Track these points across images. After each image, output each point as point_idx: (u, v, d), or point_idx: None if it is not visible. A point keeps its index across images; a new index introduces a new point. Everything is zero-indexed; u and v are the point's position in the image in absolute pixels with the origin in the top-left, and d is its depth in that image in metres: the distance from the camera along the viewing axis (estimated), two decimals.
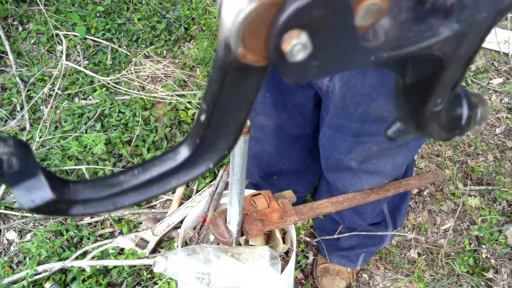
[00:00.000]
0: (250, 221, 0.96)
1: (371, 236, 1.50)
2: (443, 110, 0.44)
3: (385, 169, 1.09)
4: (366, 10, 0.30)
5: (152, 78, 2.21)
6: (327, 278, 1.54)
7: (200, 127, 0.39)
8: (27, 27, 2.35)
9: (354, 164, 1.08)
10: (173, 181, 0.42)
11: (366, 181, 1.14)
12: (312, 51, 0.30)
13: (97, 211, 0.41)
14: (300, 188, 1.57)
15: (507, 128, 1.99)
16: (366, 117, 0.95)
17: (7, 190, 1.76)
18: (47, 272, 1.49)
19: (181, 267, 0.89)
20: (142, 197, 0.42)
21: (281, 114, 1.17)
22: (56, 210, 0.39)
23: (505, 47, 2.28)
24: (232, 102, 0.37)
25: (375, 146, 1.01)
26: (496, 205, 1.75)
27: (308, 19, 0.29)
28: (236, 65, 0.32)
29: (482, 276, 1.56)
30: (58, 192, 0.38)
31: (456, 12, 0.33)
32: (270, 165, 1.41)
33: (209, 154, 0.41)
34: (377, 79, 0.86)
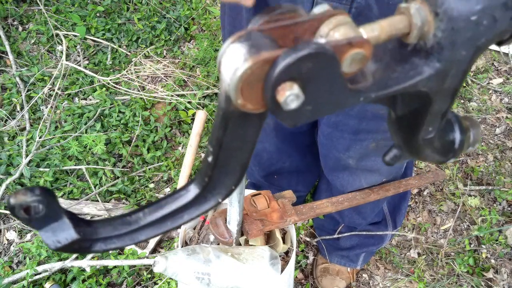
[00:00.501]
0: (250, 221, 0.96)
1: (371, 235, 1.50)
2: (435, 136, 0.46)
3: (383, 167, 1.09)
4: (351, 59, 0.33)
5: (152, 78, 2.21)
6: (327, 278, 1.54)
7: (208, 167, 0.43)
8: (27, 27, 2.35)
9: (352, 162, 1.08)
10: (185, 216, 0.46)
11: (365, 179, 1.14)
12: (304, 99, 0.33)
13: (117, 246, 0.45)
14: (300, 187, 1.57)
15: (507, 128, 1.99)
16: (364, 114, 0.95)
17: (7, 190, 1.76)
18: (47, 272, 1.49)
19: (181, 267, 0.89)
20: (157, 231, 0.46)
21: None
22: (80, 248, 0.43)
23: (505, 47, 2.28)
24: (235, 144, 0.40)
25: (373, 143, 1.01)
26: (496, 205, 1.75)
27: (298, 73, 0.32)
28: (237, 113, 0.36)
29: (482, 276, 1.56)
30: (81, 232, 0.42)
31: (436, 53, 0.36)
32: (270, 164, 1.41)
33: (217, 190, 0.45)
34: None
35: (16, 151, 1.87)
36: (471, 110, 2.06)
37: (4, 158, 1.84)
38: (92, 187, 1.76)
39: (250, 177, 1.58)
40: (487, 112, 2.05)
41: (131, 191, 1.79)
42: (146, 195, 1.78)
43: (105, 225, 0.44)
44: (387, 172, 1.12)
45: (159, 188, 1.83)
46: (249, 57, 0.32)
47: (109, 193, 1.80)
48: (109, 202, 1.76)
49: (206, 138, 1.94)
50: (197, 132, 1.79)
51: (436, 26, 0.35)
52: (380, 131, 0.98)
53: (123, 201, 1.78)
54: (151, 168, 1.85)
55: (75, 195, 1.77)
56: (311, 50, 0.31)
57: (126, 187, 1.77)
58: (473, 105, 2.08)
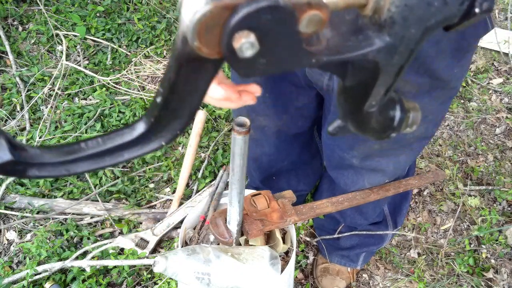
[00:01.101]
0: (250, 221, 0.96)
1: (371, 235, 1.50)
2: (378, 111, 0.49)
3: (387, 168, 1.09)
4: (309, 20, 0.35)
5: (152, 78, 2.21)
6: (327, 278, 1.54)
7: (156, 107, 0.43)
8: (27, 27, 2.35)
9: (355, 161, 1.08)
10: (126, 154, 0.46)
11: (368, 179, 1.14)
12: (259, 49, 0.34)
13: (51, 174, 0.44)
14: (301, 186, 1.57)
15: (507, 128, 1.99)
16: None
17: (7, 190, 1.76)
18: (47, 272, 1.49)
19: (181, 267, 0.89)
20: (95, 166, 0.45)
21: (282, 117, 1.16)
22: (13, 171, 0.42)
23: (505, 47, 2.28)
24: (186, 89, 0.41)
25: (376, 145, 1.01)
26: (496, 205, 1.75)
27: (256, 23, 0.33)
28: (192, 56, 0.36)
29: (482, 276, 1.56)
30: (16, 154, 0.41)
31: (388, 27, 0.38)
32: (270, 166, 1.41)
33: (162, 132, 0.45)
34: None
35: None
36: (471, 110, 2.06)
37: None
38: (92, 187, 1.76)
39: (251, 182, 1.58)
40: (487, 112, 2.05)
41: (131, 191, 1.79)
42: (146, 195, 1.78)
43: (42, 152, 0.43)
44: (392, 173, 1.12)
45: (159, 188, 1.83)
46: (211, 1, 0.32)
47: (109, 193, 1.80)
48: (109, 202, 1.76)
49: (206, 138, 1.94)
50: (197, 132, 1.79)
51: (391, 0, 0.36)
52: None
53: (123, 201, 1.78)
54: (151, 168, 1.85)
55: (75, 195, 1.77)
56: (272, 3, 0.32)
57: (126, 187, 1.77)
58: (473, 105, 2.08)
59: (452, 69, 0.83)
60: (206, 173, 1.82)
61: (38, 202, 1.72)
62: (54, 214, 1.70)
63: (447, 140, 1.96)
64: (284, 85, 1.08)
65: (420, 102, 0.87)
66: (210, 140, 1.94)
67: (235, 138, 0.75)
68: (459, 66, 0.84)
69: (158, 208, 1.77)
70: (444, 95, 0.90)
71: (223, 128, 1.97)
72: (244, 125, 0.73)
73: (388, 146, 1.01)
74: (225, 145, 1.94)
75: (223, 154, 1.88)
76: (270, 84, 1.07)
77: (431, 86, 0.85)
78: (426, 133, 1.00)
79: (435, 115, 0.95)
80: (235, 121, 0.73)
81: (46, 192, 1.78)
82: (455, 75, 0.85)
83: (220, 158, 1.86)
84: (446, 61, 0.81)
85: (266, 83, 1.07)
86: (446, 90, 0.89)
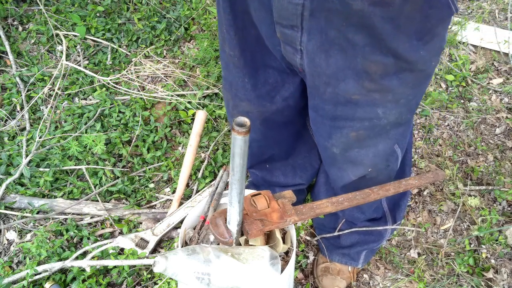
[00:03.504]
0: (250, 221, 0.96)
1: (371, 232, 1.50)
2: None
3: (367, 157, 1.10)
4: None
5: (152, 78, 2.21)
6: (327, 277, 1.54)
7: None
8: (27, 27, 2.35)
9: (337, 151, 1.09)
10: None
11: (352, 172, 1.15)
12: None
13: None
14: (298, 179, 1.58)
15: (507, 128, 1.99)
16: (337, 98, 0.96)
17: (7, 190, 1.76)
18: (47, 272, 1.49)
19: (181, 267, 0.89)
20: None
21: (266, 105, 1.17)
22: None
23: (505, 47, 2.28)
24: None
25: (352, 133, 1.02)
26: (496, 205, 1.75)
27: None
28: None
29: (482, 276, 1.56)
30: None
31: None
32: (261, 153, 1.42)
33: None
34: (342, 60, 0.87)
35: (16, 151, 1.87)
36: (471, 110, 2.06)
37: (4, 158, 1.84)
38: (92, 187, 1.76)
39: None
40: (487, 112, 2.05)
41: (131, 191, 1.79)
42: (146, 195, 1.78)
43: None
44: (372, 162, 1.12)
45: (159, 188, 1.83)
46: None
47: (109, 193, 1.80)
48: (109, 202, 1.76)
49: (206, 138, 1.94)
50: (197, 132, 1.79)
51: None
52: (356, 118, 0.98)
53: (123, 201, 1.78)
54: (151, 168, 1.85)
55: (75, 195, 1.77)
56: None
57: (126, 187, 1.77)
58: (473, 105, 2.08)
59: (418, 50, 0.84)
60: (206, 173, 1.82)
61: (38, 202, 1.72)
62: (54, 214, 1.70)
63: (447, 140, 1.96)
64: (267, 73, 1.09)
65: (390, 85, 0.90)
66: (210, 140, 1.94)
67: (235, 138, 0.75)
68: (425, 50, 0.84)
69: (158, 208, 1.77)
70: (414, 78, 0.91)
71: (223, 128, 1.97)
72: (244, 125, 0.73)
73: (365, 134, 1.02)
74: (225, 145, 1.94)
75: (223, 154, 1.88)
76: (249, 69, 1.08)
77: (398, 68, 0.86)
78: (400, 119, 1.01)
79: (407, 99, 0.96)
80: (235, 121, 0.73)
81: (46, 192, 1.78)
82: (422, 57, 0.86)
83: (220, 158, 1.86)
84: (409, 42, 0.82)
85: (245, 68, 1.08)
86: (415, 73, 0.89)
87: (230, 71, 1.12)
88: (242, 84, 1.12)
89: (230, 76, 1.14)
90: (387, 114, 0.97)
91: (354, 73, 0.88)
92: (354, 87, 0.91)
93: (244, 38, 1.02)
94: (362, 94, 0.92)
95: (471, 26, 2.38)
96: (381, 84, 0.89)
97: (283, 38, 0.92)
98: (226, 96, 1.24)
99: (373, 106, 0.95)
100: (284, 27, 0.88)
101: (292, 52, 0.94)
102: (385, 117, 0.97)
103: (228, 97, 1.22)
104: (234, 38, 1.02)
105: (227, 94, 1.21)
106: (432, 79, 2.16)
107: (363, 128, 1.00)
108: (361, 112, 0.97)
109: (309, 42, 0.87)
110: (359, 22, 0.78)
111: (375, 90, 0.91)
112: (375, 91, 0.91)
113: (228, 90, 1.19)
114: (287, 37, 0.90)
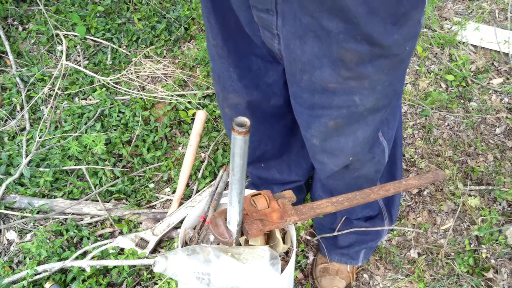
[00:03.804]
0: (250, 221, 0.96)
1: (368, 231, 1.51)
2: None
3: (347, 146, 1.09)
4: None
5: (152, 78, 2.21)
6: (326, 278, 1.54)
7: None
8: (27, 27, 2.35)
9: (316, 142, 1.10)
10: None
11: (334, 163, 1.16)
12: None
13: None
14: (294, 175, 1.58)
15: (507, 128, 1.99)
16: (313, 86, 0.96)
17: (7, 190, 1.76)
18: (47, 272, 1.49)
19: (181, 267, 0.89)
20: None
21: (253, 93, 1.17)
22: None
23: (505, 47, 2.28)
24: None
25: (331, 121, 1.02)
26: (496, 205, 1.75)
27: None
28: None
29: (482, 276, 1.56)
30: None
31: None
32: (253, 149, 1.40)
33: None
34: (318, 48, 0.87)
35: (16, 151, 1.87)
36: (471, 110, 2.06)
37: (4, 158, 1.84)
38: (92, 187, 1.76)
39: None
40: (487, 112, 2.05)
41: (131, 191, 1.79)
42: (146, 195, 1.78)
43: None
44: (352, 150, 1.12)
45: (159, 188, 1.83)
46: None
47: (109, 193, 1.80)
48: (109, 202, 1.76)
49: (206, 138, 1.94)
50: (197, 132, 1.79)
51: None
52: (334, 106, 0.98)
53: (123, 201, 1.78)
54: (151, 168, 1.85)
55: (75, 195, 1.77)
56: None
57: (126, 187, 1.77)
58: (473, 105, 2.08)
59: (392, 35, 0.84)
60: (206, 173, 1.82)
61: (38, 202, 1.72)
62: (54, 214, 1.70)
63: (447, 140, 1.96)
64: (251, 60, 1.09)
65: (365, 72, 0.90)
66: (210, 140, 1.94)
67: (235, 138, 0.75)
68: (399, 33, 0.84)
69: (158, 208, 1.77)
70: (389, 64, 0.91)
71: (223, 128, 1.97)
72: (244, 125, 0.73)
73: (343, 122, 1.02)
74: (225, 145, 1.94)
75: (223, 154, 1.88)
76: (233, 58, 1.09)
77: (372, 55, 0.86)
78: (377, 105, 1.01)
79: (383, 85, 0.96)
80: (235, 121, 0.73)
81: (46, 192, 1.78)
82: (395, 41, 0.86)
83: (220, 158, 1.86)
84: (384, 26, 0.82)
85: (229, 57, 1.08)
86: (390, 59, 0.89)
87: (216, 61, 1.13)
88: (228, 74, 1.12)
89: (217, 68, 1.14)
90: (364, 101, 0.97)
91: (330, 62, 0.88)
92: (331, 75, 0.91)
93: (225, 26, 1.02)
94: (338, 82, 0.92)
95: (471, 26, 2.38)
96: (357, 71, 0.90)
97: (260, 23, 0.92)
98: (216, 89, 1.24)
99: (350, 94, 0.95)
100: (260, 10, 0.88)
101: (270, 37, 0.94)
102: (362, 104, 0.98)
103: (217, 90, 1.22)
104: (215, 27, 1.02)
105: (217, 87, 1.22)
106: (433, 79, 2.17)
107: (341, 116, 1.01)
108: (338, 100, 0.97)
109: (284, 27, 0.88)
110: (333, 5, 0.78)
111: (351, 77, 0.91)
112: (351, 78, 0.91)
113: (217, 82, 1.19)
114: (264, 21, 0.90)
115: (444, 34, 2.35)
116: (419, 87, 2.16)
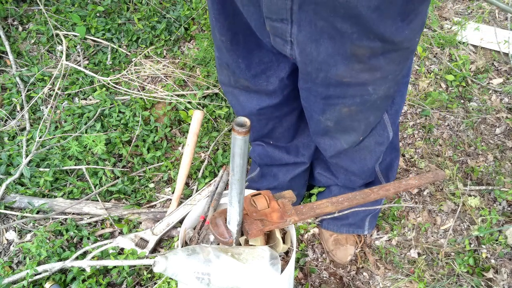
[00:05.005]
0: (250, 221, 0.96)
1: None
2: None
3: (359, 128, 1.18)
4: None
5: (152, 78, 2.21)
6: (340, 249, 1.61)
7: None
8: (27, 27, 2.35)
9: (330, 124, 1.16)
10: None
11: (345, 141, 1.23)
12: None
13: None
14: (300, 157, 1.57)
15: (507, 128, 1.99)
16: (329, 81, 1.00)
17: (7, 190, 1.76)
18: (47, 272, 1.49)
19: (181, 267, 0.89)
20: None
21: (264, 84, 1.20)
22: None
23: (505, 47, 2.28)
24: None
25: (345, 108, 1.08)
26: (496, 205, 1.75)
27: None
28: None
29: (482, 276, 1.56)
30: None
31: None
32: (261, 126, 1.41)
33: None
34: (332, 48, 0.90)
35: (16, 151, 1.87)
36: (471, 110, 2.06)
37: (4, 158, 1.84)
38: (92, 187, 1.76)
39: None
40: (487, 112, 2.05)
41: (131, 191, 1.79)
42: (146, 195, 1.78)
43: None
44: (363, 131, 1.20)
45: (159, 188, 1.83)
46: None
47: (109, 193, 1.80)
48: (109, 202, 1.76)
49: (206, 138, 1.94)
50: (194, 132, 1.79)
51: None
52: (348, 96, 1.04)
53: (123, 201, 1.78)
54: (151, 168, 1.85)
55: (75, 195, 1.77)
56: None
57: (126, 187, 1.77)
58: (473, 105, 2.08)
59: (403, 31, 0.88)
60: (206, 173, 1.82)
61: (38, 202, 1.72)
62: (54, 214, 1.70)
63: (447, 140, 1.96)
64: (263, 53, 1.12)
65: (377, 64, 0.94)
66: (210, 140, 1.94)
67: (235, 138, 0.75)
68: (409, 29, 0.89)
69: (157, 207, 1.77)
70: (400, 56, 0.96)
71: (223, 128, 1.97)
72: (244, 125, 0.73)
73: (357, 109, 1.08)
74: (225, 145, 1.94)
75: (223, 154, 1.88)
76: (242, 51, 1.11)
77: (384, 49, 0.91)
78: (389, 92, 1.08)
79: (394, 74, 1.01)
80: (235, 121, 0.73)
81: (46, 192, 1.78)
82: (406, 36, 0.90)
83: (220, 158, 1.86)
84: (395, 25, 0.86)
85: (237, 50, 1.11)
86: (401, 51, 0.94)
87: (224, 54, 1.15)
88: (236, 64, 1.15)
89: (225, 58, 1.16)
90: (376, 90, 1.03)
91: (344, 58, 0.92)
92: (345, 71, 0.95)
93: (236, 23, 1.04)
94: (352, 76, 0.97)
95: (471, 26, 2.38)
96: (369, 64, 0.94)
97: (273, 31, 0.95)
98: (225, 72, 1.24)
99: (364, 85, 1.01)
100: (274, 21, 0.91)
101: (282, 43, 0.97)
102: (375, 92, 1.04)
103: (228, 73, 1.23)
104: (225, 25, 1.04)
105: (226, 71, 1.22)
106: (433, 79, 2.17)
107: (355, 104, 1.06)
108: (352, 91, 1.02)
109: (300, 33, 0.91)
110: (346, 12, 0.81)
111: (364, 70, 0.96)
112: (364, 70, 0.96)
113: (225, 68, 1.21)
114: (277, 30, 0.93)
115: (444, 34, 2.35)
116: (419, 87, 2.16)
